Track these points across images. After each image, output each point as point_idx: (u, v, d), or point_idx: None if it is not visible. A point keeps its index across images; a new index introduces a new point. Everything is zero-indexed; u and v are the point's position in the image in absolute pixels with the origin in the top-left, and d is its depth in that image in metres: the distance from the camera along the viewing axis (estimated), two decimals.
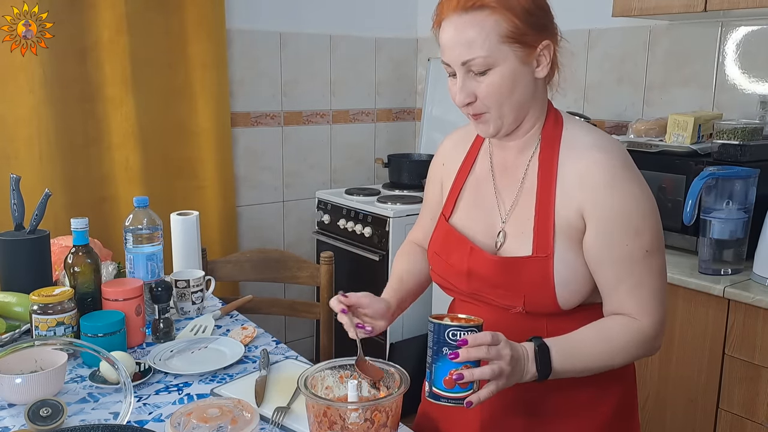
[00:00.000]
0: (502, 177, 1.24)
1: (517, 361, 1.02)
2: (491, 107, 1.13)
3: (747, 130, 2.04)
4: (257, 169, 3.20)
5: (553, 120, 1.20)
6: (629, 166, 1.15)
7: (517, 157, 1.22)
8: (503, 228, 1.21)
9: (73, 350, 1.47)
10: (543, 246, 1.14)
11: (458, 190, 1.29)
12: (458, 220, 1.27)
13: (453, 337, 0.99)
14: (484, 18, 1.08)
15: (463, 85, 1.13)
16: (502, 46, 1.09)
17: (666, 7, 2.17)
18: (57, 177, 2.58)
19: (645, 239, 1.12)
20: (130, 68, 2.66)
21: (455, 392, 1.00)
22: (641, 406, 2.11)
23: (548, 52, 1.14)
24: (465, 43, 1.09)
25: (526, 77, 1.13)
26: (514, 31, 1.09)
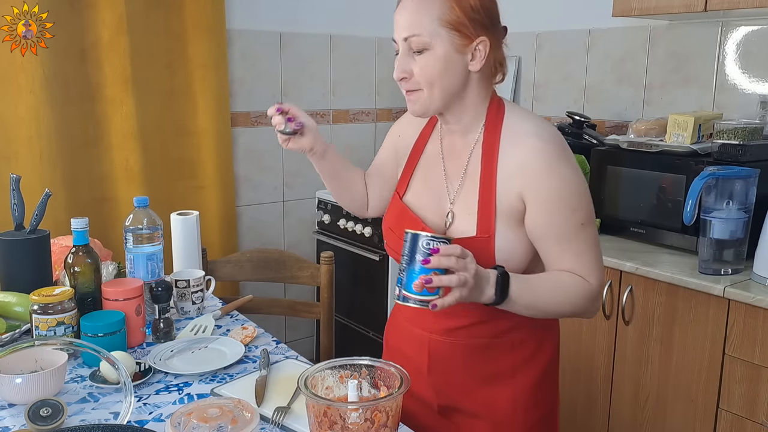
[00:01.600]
0: (449, 160, 1.34)
1: (479, 278, 1.13)
2: (422, 85, 1.23)
3: (747, 130, 2.04)
4: (257, 169, 3.20)
5: (495, 108, 1.29)
6: (564, 151, 1.24)
7: (462, 143, 1.33)
8: (451, 209, 1.31)
9: (73, 350, 1.47)
10: (485, 227, 1.25)
11: (411, 169, 1.40)
12: (411, 198, 1.38)
13: (426, 246, 1.11)
14: (432, 2, 1.19)
15: (400, 61, 1.24)
16: (441, 30, 1.20)
17: (666, 7, 2.17)
18: (57, 177, 2.58)
19: (580, 214, 1.23)
20: (130, 68, 2.66)
21: (423, 295, 1.11)
22: (641, 406, 2.11)
23: (483, 48, 1.22)
24: (410, 21, 1.21)
25: (458, 65, 1.23)
26: (455, 20, 1.19)
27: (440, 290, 1.11)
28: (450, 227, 1.30)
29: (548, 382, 1.38)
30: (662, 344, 2.04)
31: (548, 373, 1.38)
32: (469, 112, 1.29)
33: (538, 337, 1.35)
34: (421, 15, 1.20)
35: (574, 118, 2.59)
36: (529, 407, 1.34)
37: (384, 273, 2.87)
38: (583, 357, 2.26)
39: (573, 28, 2.82)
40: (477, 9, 1.20)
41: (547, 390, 1.38)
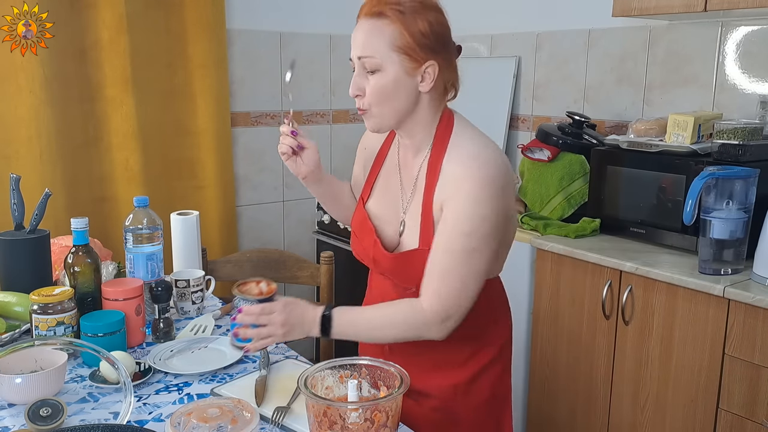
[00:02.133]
0: (404, 171, 1.43)
1: (292, 326, 1.32)
2: (373, 105, 1.31)
3: (747, 130, 2.04)
4: (257, 169, 3.20)
5: (444, 127, 1.36)
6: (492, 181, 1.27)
7: (413, 157, 1.40)
8: (403, 218, 1.40)
9: (73, 350, 1.47)
10: (426, 239, 1.34)
11: (374, 177, 1.49)
12: (372, 205, 1.47)
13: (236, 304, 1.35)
14: (384, 26, 1.26)
15: (354, 79, 1.32)
16: (392, 53, 1.27)
17: (666, 6, 2.17)
18: (57, 177, 2.58)
19: (471, 241, 1.27)
20: (130, 68, 2.66)
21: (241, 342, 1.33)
22: (641, 405, 2.11)
23: (432, 71, 1.29)
24: (364, 42, 1.29)
25: (408, 87, 1.30)
26: (405, 45, 1.26)
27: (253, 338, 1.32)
28: (402, 234, 1.40)
29: (490, 373, 1.46)
30: (662, 344, 2.04)
31: (493, 363, 1.46)
32: (420, 129, 1.36)
33: (481, 336, 1.44)
34: (374, 38, 1.27)
35: (574, 118, 2.60)
36: (467, 392, 1.44)
37: None
38: (583, 357, 2.27)
39: (573, 28, 2.82)
40: (426, 34, 1.27)
41: (487, 379, 1.46)
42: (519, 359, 2.47)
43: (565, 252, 2.25)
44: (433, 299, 1.29)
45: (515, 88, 3.06)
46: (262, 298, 1.33)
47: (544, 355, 2.40)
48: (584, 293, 2.24)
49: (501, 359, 1.49)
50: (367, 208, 1.47)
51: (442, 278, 1.29)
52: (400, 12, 1.26)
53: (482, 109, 3.14)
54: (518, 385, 2.49)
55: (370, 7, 1.28)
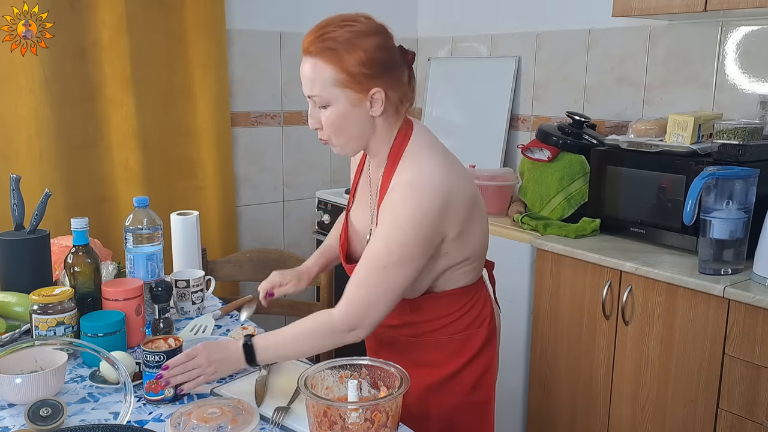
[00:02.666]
0: (373, 184, 1.47)
1: (219, 362, 1.34)
2: (332, 136, 1.36)
3: (747, 130, 2.04)
4: (257, 169, 3.20)
5: (400, 142, 1.39)
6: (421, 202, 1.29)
7: (375, 171, 1.46)
8: (372, 227, 1.46)
9: (73, 350, 1.47)
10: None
11: (354, 188, 1.55)
12: (353, 214, 1.54)
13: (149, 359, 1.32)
14: (321, 64, 1.30)
15: (311, 113, 1.36)
16: (335, 90, 1.30)
17: (666, 6, 2.17)
18: (57, 177, 2.58)
19: (390, 259, 1.30)
20: (129, 68, 2.66)
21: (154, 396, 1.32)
22: (641, 405, 2.11)
23: (379, 97, 1.32)
24: (308, 80, 1.32)
25: (358, 116, 1.34)
26: (344, 80, 1.29)
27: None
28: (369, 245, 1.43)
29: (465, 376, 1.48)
30: (662, 344, 2.04)
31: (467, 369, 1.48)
32: (380, 148, 1.41)
33: (459, 340, 1.47)
34: (315, 77, 1.30)
35: (574, 118, 2.60)
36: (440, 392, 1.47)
37: None
38: (583, 357, 2.27)
39: (573, 28, 2.82)
40: (363, 64, 1.29)
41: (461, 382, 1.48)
42: (519, 359, 2.47)
43: (565, 252, 2.25)
44: (342, 307, 1.33)
45: (515, 88, 3.06)
46: (170, 350, 1.33)
47: (544, 355, 2.40)
48: (584, 293, 2.24)
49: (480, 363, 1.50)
50: (350, 217, 1.54)
51: (354, 288, 1.33)
52: (332, 50, 1.29)
53: (482, 109, 3.14)
54: (518, 385, 2.49)
55: (306, 46, 1.32)
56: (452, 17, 3.36)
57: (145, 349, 1.33)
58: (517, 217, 2.52)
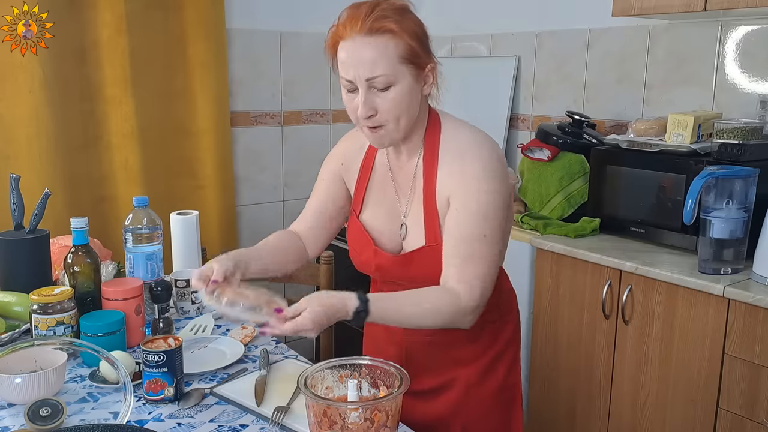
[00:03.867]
0: (398, 176, 1.43)
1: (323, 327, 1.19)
2: (390, 120, 1.28)
3: (747, 130, 2.04)
4: (257, 169, 3.20)
5: (433, 126, 1.38)
6: (493, 165, 1.31)
7: (407, 161, 1.41)
8: (404, 222, 1.40)
9: (72, 350, 1.47)
10: (432, 236, 1.34)
11: (363, 189, 1.47)
12: (367, 217, 1.46)
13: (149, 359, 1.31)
14: (386, 41, 1.24)
15: (365, 100, 1.26)
16: (401, 66, 1.25)
17: (666, 6, 2.17)
18: (57, 177, 2.58)
19: (488, 225, 1.28)
20: (129, 68, 2.66)
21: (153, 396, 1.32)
22: (641, 404, 2.11)
23: (433, 73, 1.31)
24: (369, 62, 1.24)
25: (418, 94, 1.30)
26: (411, 53, 1.25)
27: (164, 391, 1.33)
28: (405, 239, 1.40)
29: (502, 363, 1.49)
30: (662, 344, 2.04)
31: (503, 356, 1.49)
32: (415, 134, 1.37)
33: (494, 330, 1.47)
34: (379, 55, 1.23)
35: (574, 118, 2.59)
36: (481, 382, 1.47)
37: None
38: (583, 357, 2.27)
39: (573, 27, 2.82)
40: (422, 37, 1.28)
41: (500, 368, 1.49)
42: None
43: (565, 252, 2.25)
44: (464, 286, 1.27)
45: (515, 88, 3.06)
46: (170, 350, 1.32)
47: (544, 354, 2.40)
48: (584, 293, 2.24)
49: (511, 348, 1.52)
50: (361, 221, 1.47)
51: (466, 265, 1.28)
52: (396, 23, 1.24)
53: (482, 108, 3.14)
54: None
55: (365, 24, 1.24)
56: (452, 17, 3.36)
57: (144, 348, 1.32)
58: (517, 216, 2.52)
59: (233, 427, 1.26)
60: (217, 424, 1.27)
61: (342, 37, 1.26)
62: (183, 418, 1.29)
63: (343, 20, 1.27)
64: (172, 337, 1.37)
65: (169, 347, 1.33)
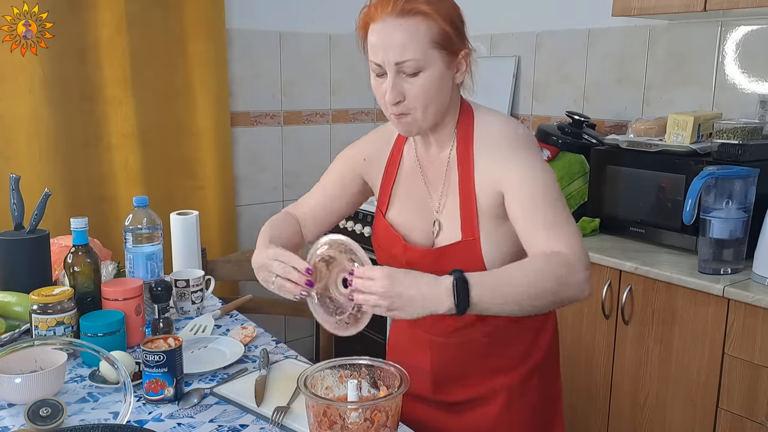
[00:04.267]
0: (428, 171, 1.36)
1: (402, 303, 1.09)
2: (417, 108, 1.22)
3: (746, 130, 2.04)
4: (257, 169, 3.20)
5: (465, 114, 1.32)
6: (531, 146, 1.28)
7: (439, 153, 1.34)
8: (437, 218, 1.33)
9: (72, 350, 1.47)
10: (470, 230, 1.27)
11: (390, 186, 1.40)
12: (394, 215, 1.39)
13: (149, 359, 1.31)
14: (417, 23, 1.18)
15: (393, 85, 1.20)
16: (432, 51, 1.19)
17: (666, 6, 2.17)
18: (57, 177, 2.58)
19: (554, 192, 1.23)
20: (129, 68, 2.66)
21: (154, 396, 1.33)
22: (641, 404, 2.11)
23: (466, 61, 1.25)
24: (399, 45, 1.18)
25: (449, 81, 1.24)
26: (443, 38, 1.19)
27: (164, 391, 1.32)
28: (438, 236, 1.33)
29: (543, 372, 1.42)
30: (662, 344, 2.04)
31: (544, 364, 1.42)
32: (446, 124, 1.31)
33: (533, 332, 1.39)
34: (410, 39, 1.17)
35: (574, 118, 2.60)
36: (523, 393, 1.39)
37: None
38: (583, 356, 2.27)
39: (572, 27, 2.82)
40: (457, 21, 1.22)
41: (541, 378, 1.42)
42: None
43: None
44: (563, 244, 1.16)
45: (515, 88, 3.06)
46: (170, 349, 1.31)
47: None
48: None
49: (552, 355, 1.46)
50: (388, 219, 1.39)
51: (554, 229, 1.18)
52: (430, 4, 1.18)
53: None
54: None
55: (396, 6, 1.17)
56: None
57: (144, 348, 1.33)
58: None
59: (233, 427, 1.27)
60: (217, 424, 1.27)
61: (373, 18, 1.21)
62: (183, 418, 1.29)
63: (374, 1, 1.21)
64: (172, 337, 1.37)
65: (169, 347, 1.33)
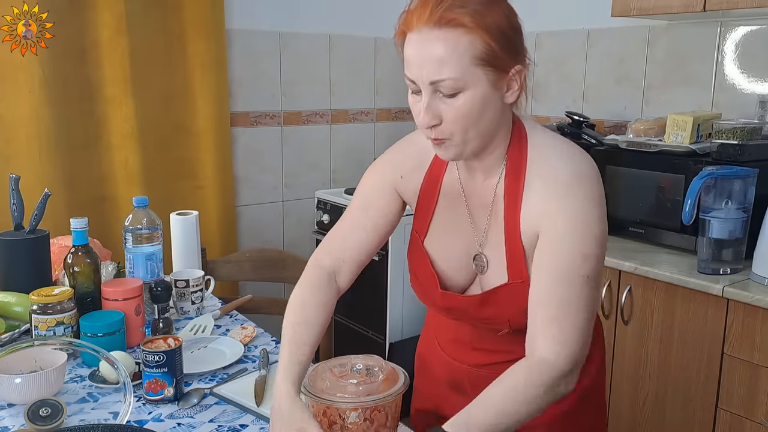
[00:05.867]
0: (472, 198, 1.20)
1: None
2: (456, 133, 1.06)
3: (746, 130, 2.04)
4: (257, 169, 3.20)
5: (518, 140, 1.16)
6: (593, 193, 1.10)
7: (484, 181, 1.19)
8: (481, 251, 1.19)
9: (72, 350, 1.47)
10: (517, 272, 1.13)
11: (431, 210, 1.24)
12: (433, 245, 1.24)
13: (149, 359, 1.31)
14: (458, 37, 1.01)
15: (428, 106, 1.05)
16: (475, 69, 1.02)
17: (665, 6, 2.17)
18: (57, 177, 2.58)
19: (589, 265, 1.08)
20: (129, 68, 2.66)
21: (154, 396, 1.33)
22: (640, 404, 2.12)
23: (519, 78, 1.10)
24: (436, 61, 1.01)
25: (495, 103, 1.08)
26: (489, 54, 1.03)
27: None
28: (483, 274, 1.19)
29: (586, 409, 1.29)
30: (661, 344, 2.04)
31: (587, 399, 1.28)
32: (494, 149, 1.15)
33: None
34: (448, 53, 1.01)
35: (573, 118, 2.60)
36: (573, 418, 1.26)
37: (384, 273, 2.87)
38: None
39: (572, 28, 2.82)
40: (508, 33, 1.06)
41: (585, 416, 1.29)
42: None
43: None
44: (557, 346, 1.04)
45: None
46: (170, 350, 1.32)
47: None
48: None
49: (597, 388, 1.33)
50: (426, 248, 1.24)
51: (562, 317, 1.05)
52: (474, 14, 1.01)
53: None
54: None
55: (434, 15, 1.01)
56: None
57: (144, 348, 1.33)
58: None
59: (233, 427, 1.27)
60: (216, 424, 1.27)
61: (409, 27, 1.04)
62: (183, 418, 1.29)
63: (413, 6, 1.04)
64: (172, 337, 1.37)
65: (168, 347, 1.33)
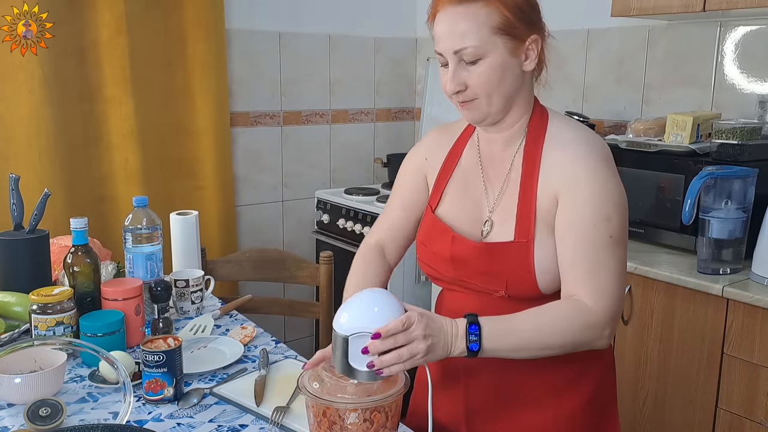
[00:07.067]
0: (489, 168, 1.30)
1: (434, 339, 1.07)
2: (480, 95, 1.19)
3: (746, 130, 2.04)
4: (256, 169, 3.20)
5: (539, 115, 1.27)
6: (608, 161, 1.21)
7: (503, 150, 1.28)
8: (490, 217, 1.27)
9: (72, 350, 1.47)
10: (524, 232, 1.20)
11: (444, 182, 1.35)
12: (444, 211, 1.33)
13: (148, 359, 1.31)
14: (477, 9, 1.15)
15: (454, 74, 1.19)
16: (493, 37, 1.15)
17: (665, 6, 2.17)
18: (56, 177, 2.58)
19: (612, 226, 1.16)
20: (129, 68, 2.66)
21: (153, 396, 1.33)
22: (640, 404, 2.12)
23: (536, 47, 1.20)
24: (458, 33, 1.16)
25: (514, 69, 1.19)
26: (505, 24, 1.15)
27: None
28: (488, 235, 1.26)
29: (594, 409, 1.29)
30: (661, 343, 2.04)
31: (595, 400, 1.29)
32: (516, 118, 1.25)
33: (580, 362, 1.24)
34: (469, 26, 1.15)
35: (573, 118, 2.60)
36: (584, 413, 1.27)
37: None
38: None
39: (572, 28, 2.82)
40: (523, 6, 1.17)
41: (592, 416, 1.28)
42: None
43: None
44: (596, 296, 1.13)
45: None
46: (170, 349, 1.31)
47: None
48: None
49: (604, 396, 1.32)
50: (438, 214, 1.33)
51: (594, 275, 1.14)
52: None
53: None
54: None
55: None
56: None
57: (144, 348, 1.33)
58: None
59: (233, 427, 1.27)
60: (216, 424, 1.28)
61: (437, 8, 1.19)
62: (183, 418, 1.29)
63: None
64: (172, 337, 1.37)
65: (168, 347, 1.33)
